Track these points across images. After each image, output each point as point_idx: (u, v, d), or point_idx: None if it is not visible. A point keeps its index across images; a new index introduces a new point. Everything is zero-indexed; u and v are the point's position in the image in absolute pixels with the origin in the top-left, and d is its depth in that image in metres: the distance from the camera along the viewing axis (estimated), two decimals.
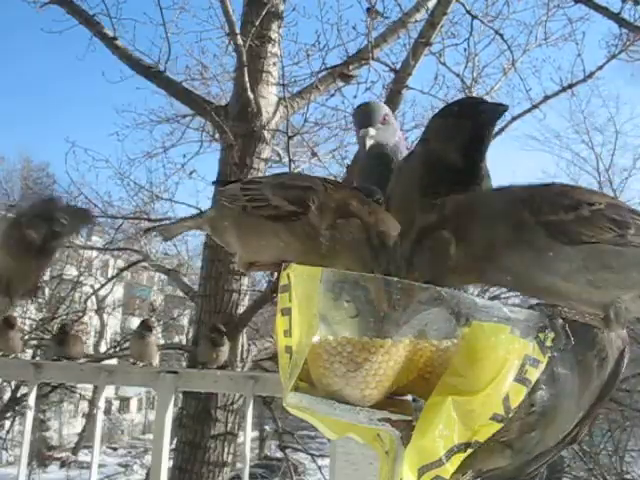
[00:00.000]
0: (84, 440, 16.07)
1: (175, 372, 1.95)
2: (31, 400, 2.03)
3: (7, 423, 11.32)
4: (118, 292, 18.00)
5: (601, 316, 0.82)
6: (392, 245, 0.90)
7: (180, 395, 4.45)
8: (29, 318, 11.20)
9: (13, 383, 10.13)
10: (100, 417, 2.23)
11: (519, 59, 5.71)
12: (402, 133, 1.32)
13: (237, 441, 4.66)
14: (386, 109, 1.25)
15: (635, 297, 0.82)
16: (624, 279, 0.80)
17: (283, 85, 4.95)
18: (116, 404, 22.13)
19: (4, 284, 1.41)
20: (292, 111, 5.13)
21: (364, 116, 1.22)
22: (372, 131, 1.18)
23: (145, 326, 2.54)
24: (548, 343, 0.80)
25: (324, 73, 5.06)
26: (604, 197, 0.86)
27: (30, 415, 2.04)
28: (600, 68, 5.29)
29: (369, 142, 1.17)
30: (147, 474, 8.69)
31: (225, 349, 2.67)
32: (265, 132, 4.89)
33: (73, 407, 18.78)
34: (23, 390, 9.57)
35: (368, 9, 4.60)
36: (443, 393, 0.76)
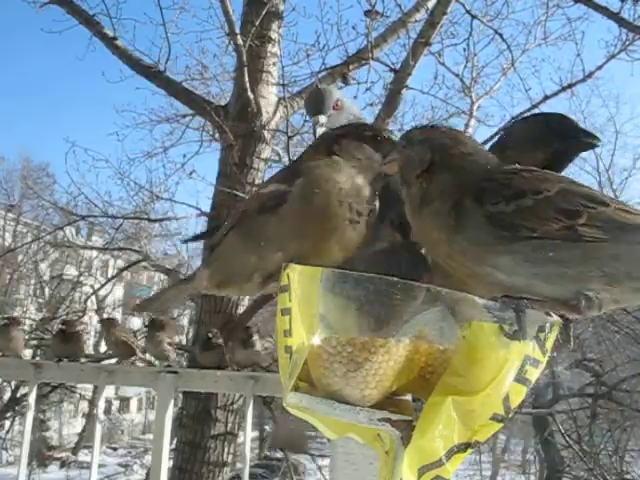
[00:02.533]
0: (84, 440, 16.08)
1: (175, 372, 1.96)
2: (31, 400, 2.03)
3: (7, 423, 11.33)
4: (118, 292, 18.01)
5: (570, 303, 0.77)
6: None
7: (180, 395, 4.45)
8: (29, 318, 11.20)
9: (13, 383, 10.13)
10: (100, 417, 2.23)
11: (518, 59, 5.73)
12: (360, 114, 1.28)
13: (237, 441, 4.66)
14: (338, 94, 1.23)
15: (602, 289, 0.76)
16: (580, 273, 0.75)
17: (283, 85, 4.95)
18: (116, 404, 22.13)
19: None
20: (292, 111, 5.12)
21: (314, 103, 1.20)
22: (323, 118, 1.17)
23: (157, 325, 2.47)
24: (548, 344, 0.80)
25: (324, 73, 5.06)
26: (559, 183, 0.80)
27: (30, 415, 2.04)
28: (600, 68, 5.29)
29: (319, 130, 1.15)
30: (147, 474, 8.69)
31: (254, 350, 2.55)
32: (265, 132, 4.88)
33: (73, 407, 18.79)
34: (23, 390, 9.57)
35: (366, 11, 4.61)
36: (443, 393, 0.76)
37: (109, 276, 13.11)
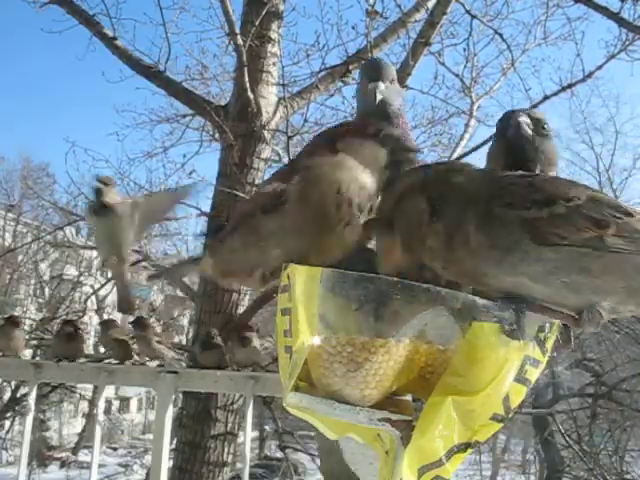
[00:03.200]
0: (84, 440, 16.07)
1: (175, 372, 1.96)
2: (31, 400, 2.03)
3: (7, 423, 11.32)
4: None
5: (574, 316, 0.77)
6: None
7: (180, 395, 4.44)
8: (29, 318, 11.19)
9: (13, 383, 10.13)
10: (100, 417, 2.23)
11: (518, 59, 5.70)
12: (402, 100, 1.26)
13: (237, 441, 4.66)
14: (394, 71, 1.21)
15: (622, 300, 0.76)
16: (603, 284, 0.74)
17: (283, 85, 4.94)
18: (116, 404, 22.12)
19: None
20: (292, 111, 5.12)
21: (375, 69, 1.17)
22: (382, 85, 1.13)
23: (141, 325, 2.47)
24: (548, 344, 0.80)
25: (324, 73, 5.06)
26: (584, 190, 0.78)
27: (30, 415, 2.04)
28: (599, 68, 5.28)
29: (379, 96, 1.12)
30: (147, 474, 8.68)
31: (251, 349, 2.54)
32: (265, 132, 4.88)
33: (73, 407, 18.78)
34: (23, 390, 9.56)
35: (367, 11, 4.60)
36: (443, 393, 0.76)
37: (109, 276, 13.08)
